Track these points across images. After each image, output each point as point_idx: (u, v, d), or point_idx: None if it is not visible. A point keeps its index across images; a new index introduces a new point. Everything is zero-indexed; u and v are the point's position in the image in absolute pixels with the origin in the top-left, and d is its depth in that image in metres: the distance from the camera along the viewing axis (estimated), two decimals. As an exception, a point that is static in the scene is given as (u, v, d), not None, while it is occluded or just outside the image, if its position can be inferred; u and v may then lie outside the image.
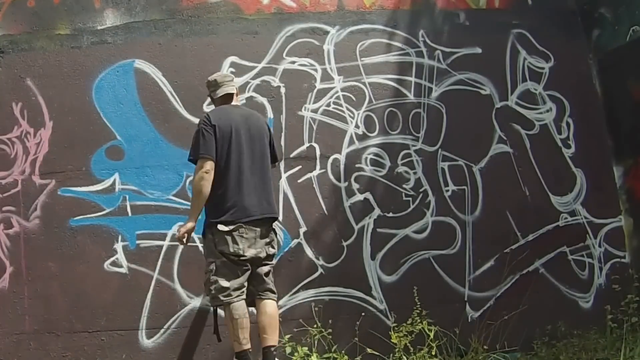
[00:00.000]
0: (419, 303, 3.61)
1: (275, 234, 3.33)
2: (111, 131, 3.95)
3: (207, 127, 3.17)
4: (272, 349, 3.09)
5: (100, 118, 3.96)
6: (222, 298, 3.05)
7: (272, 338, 3.11)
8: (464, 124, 4.23)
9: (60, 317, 3.71)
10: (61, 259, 3.78)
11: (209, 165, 3.12)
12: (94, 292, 3.74)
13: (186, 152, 3.90)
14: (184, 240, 3.19)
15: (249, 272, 3.14)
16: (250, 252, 3.11)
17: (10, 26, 4.05)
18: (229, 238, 3.07)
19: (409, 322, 3.57)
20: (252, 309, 3.20)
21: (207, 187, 3.10)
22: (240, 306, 3.05)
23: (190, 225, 3.15)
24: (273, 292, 3.22)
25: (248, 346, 3.05)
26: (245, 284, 3.14)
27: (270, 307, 3.17)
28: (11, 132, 3.93)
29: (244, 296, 3.11)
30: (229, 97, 3.40)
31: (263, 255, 3.19)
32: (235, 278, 3.08)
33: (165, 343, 3.72)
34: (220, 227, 3.07)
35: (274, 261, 3.34)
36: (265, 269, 3.22)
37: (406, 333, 3.52)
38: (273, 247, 3.28)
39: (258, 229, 3.16)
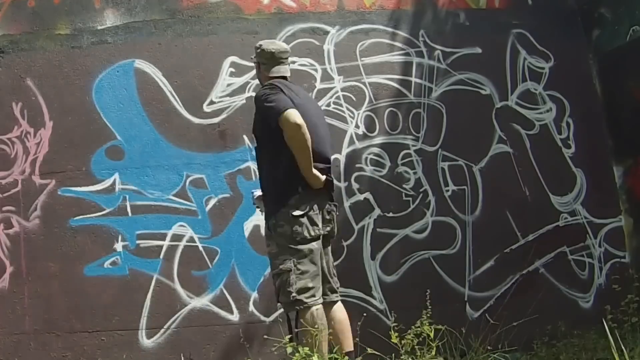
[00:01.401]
0: (430, 307, 3.56)
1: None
2: (111, 131, 3.95)
3: (280, 95, 2.74)
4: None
5: (100, 118, 3.96)
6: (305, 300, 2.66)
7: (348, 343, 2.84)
8: (464, 124, 4.23)
9: (60, 317, 3.71)
10: (61, 259, 3.77)
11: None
12: (94, 292, 3.74)
13: (186, 152, 3.97)
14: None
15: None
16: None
17: (10, 26, 4.05)
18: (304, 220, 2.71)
19: (417, 324, 3.54)
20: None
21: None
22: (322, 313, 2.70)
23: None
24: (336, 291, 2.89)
25: None
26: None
27: (340, 311, 2.88)
28: (11, 132, 3.92)
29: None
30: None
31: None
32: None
33: (165, 343, 3.73)
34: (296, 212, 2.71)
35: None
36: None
37: (414, 336, 3.50)
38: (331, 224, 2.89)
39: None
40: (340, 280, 3.90)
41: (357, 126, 4.16)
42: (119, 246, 3.80)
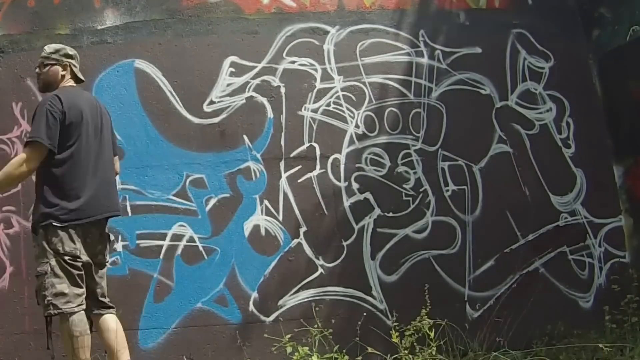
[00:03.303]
0: (428, 302, 3.59)
1: (109, 238, 2.98)
2: (111, 131, 3.95)
3: (55, 110, 2.74)
4: None
5: (100, 118, 3.96)
6: (60, 306, 2.61)
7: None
8: (464, 124, 4.23)
9: (60, 317, 3.70)
10: (61, 259, 3.77)
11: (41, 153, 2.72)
12: (94, 292, 3.73)
13: (186, 152, 3.97)
14: None
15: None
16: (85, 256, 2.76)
17: (10, 26, 4.05)
18: (64, 235, 2.69)
19: (417, 320, 3.55)
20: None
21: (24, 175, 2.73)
22: (81, 319, 2.66)
23: None
24: (111, 307, 2.90)
25: None
26: (84, 292, 2.73)
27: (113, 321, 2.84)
28: (11, 132, 3.93)
29: (84, 306, 2.70)
30: (78, 80, 3.05)
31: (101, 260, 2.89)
32: (74, 284, 2.67)
33: (165, 343, 3.72)
34: (55, 223, 2.67)
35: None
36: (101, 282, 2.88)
37: (413, 332, 3.51)
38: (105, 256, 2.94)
39: (97, 230, 2.84)
40: (340, 280, 3.93)
41: (357, 126, 4.16)
42: (119, 246, 3.80)
